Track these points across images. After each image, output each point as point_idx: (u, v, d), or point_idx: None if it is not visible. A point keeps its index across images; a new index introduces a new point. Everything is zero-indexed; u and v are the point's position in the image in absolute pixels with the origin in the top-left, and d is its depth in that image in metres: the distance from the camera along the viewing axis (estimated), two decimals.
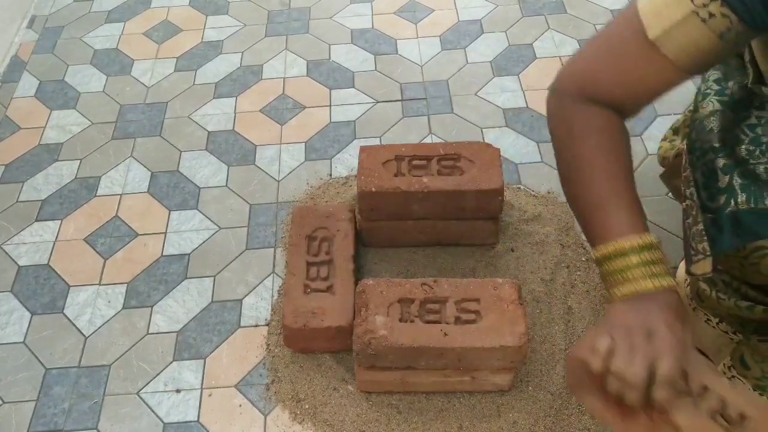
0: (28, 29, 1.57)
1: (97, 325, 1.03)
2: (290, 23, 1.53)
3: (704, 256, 0.72)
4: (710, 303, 0.85)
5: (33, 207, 1.20)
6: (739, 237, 0.68)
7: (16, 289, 1.09)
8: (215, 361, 0.99)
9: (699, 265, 0.74)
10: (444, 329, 0.82)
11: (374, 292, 0.85)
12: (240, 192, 1.20)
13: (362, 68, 1.41)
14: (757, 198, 0.67)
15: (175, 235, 1.14)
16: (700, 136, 0.75)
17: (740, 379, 0.81)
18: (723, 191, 0.70)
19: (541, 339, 0.97)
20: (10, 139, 1.32)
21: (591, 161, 0.67)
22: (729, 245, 0.69)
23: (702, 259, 0.73)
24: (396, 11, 1.54)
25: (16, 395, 0.97)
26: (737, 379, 0.81)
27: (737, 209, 0.68)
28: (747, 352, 0.80)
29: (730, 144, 0.71)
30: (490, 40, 1.45)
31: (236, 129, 1.31)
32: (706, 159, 0.73)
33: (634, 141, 1.22)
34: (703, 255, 0.72)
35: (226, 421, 0.93)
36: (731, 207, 0.68)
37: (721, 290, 0.83)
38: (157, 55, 1.48)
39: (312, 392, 0.93)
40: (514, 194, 1.15)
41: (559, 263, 1.06)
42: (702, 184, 0.73)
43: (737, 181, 0.69)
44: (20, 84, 1.44)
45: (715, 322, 0.88)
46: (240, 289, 1.06)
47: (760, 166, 0.68)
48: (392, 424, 0.90)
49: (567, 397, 0.92)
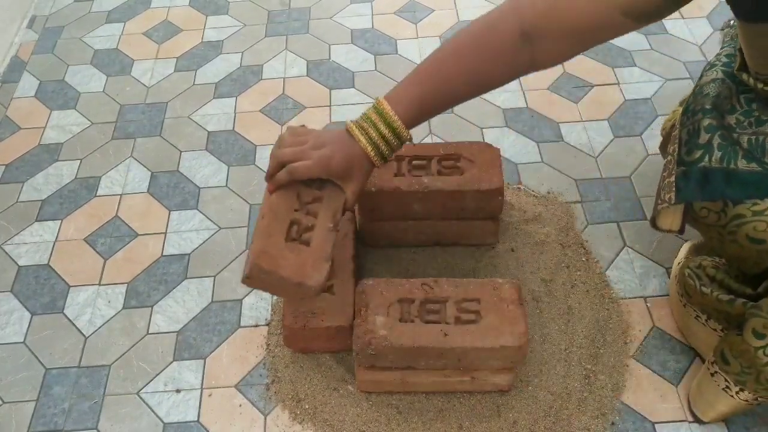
0: (28, 29, 1.57)
1: (97, 325, 1.03)
2: (290, 23, 1.53)
3: (668, 204, 0.75)
4: (697, 298, 0.87)
5: (33, 207, 1.20)
6: (704, 191, 0.72)
7: (16, 289, 1.09)
8: (215, 361, 0.99)
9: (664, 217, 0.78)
10: (444, 329, 0.82)
11: (374, 292, 0.85)
12: (240, 192, 1.20)
13: (362, 68, 1.41)
14: (731, 159, 0.70)
15: (175, 235, 1.14)
16: (696, 100, 0.78)
17: (722, 374, 0.82)
18: (701, 147, 0.73)
19: (541, 339, 0.97)
20: (10, 139, 1.32)
21: (452, 43, 0.76)
22: (692, 196, 0.73)
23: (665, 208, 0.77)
24: (396, 11, 1.54)
25: (16, 395, 0.97)
26: (720, 374, 0.83)
27: (710, 165, 0.71)
28: (726, 348, 0.81)
29: (720, 110, 0.74)
30: None
31: (236, 129, 1.31)
32: (695, 119, 0.76)
33: (634, 141, 1.23)
34: (668, 203, 0.75)
35: (226, 421, 0.93)
36: (704, 162, 0.72)
37: (705, 284, 0.84)
38: (157, 55, 1.48)
39: (312, 392, 0.93)
40: (514, 194, 1.15)
41: (559, 263, 1.06)
42: (684, 141, 0.76)
43: (716, 140, 0.72)
44: (20, 84, 1.44)
45: (704, 319, 0.89)
46: (240, 289, 1.06)
47: (744, 137, 0.71)
48: (392, 424, 0.90)
49: (567, 396, 0.92)
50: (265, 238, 0.78)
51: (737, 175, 0.69)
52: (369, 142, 0.77)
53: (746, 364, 0.78)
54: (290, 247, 0.79)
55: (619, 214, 1.13)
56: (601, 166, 1.20)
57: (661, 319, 0.99)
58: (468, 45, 0.74)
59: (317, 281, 0.78)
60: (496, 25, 0.72)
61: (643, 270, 1.05)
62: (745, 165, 0.69)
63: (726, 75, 0.77)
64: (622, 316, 1.00)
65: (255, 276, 0.78)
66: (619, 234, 1.10)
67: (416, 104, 0.76)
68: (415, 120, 0.77)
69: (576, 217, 1.12)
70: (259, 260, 0.77)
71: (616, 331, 0.98)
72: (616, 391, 0.92)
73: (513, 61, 0.72)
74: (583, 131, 1.26)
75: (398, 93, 0.77)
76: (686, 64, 1.35)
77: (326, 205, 0.81)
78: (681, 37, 1.41)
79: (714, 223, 0.74)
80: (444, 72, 0.76)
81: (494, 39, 0.72)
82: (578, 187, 1.17)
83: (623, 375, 0.94)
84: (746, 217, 0.71)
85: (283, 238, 0.79)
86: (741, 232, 0.71)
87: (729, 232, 0.73)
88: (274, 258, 0.77)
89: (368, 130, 0.77)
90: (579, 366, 0.94)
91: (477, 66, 0.74)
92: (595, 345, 0.96)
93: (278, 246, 0.78)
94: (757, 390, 0.80)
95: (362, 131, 0.77)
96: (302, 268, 0.77)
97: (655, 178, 1.18)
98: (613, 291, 1.03)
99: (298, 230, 0.80)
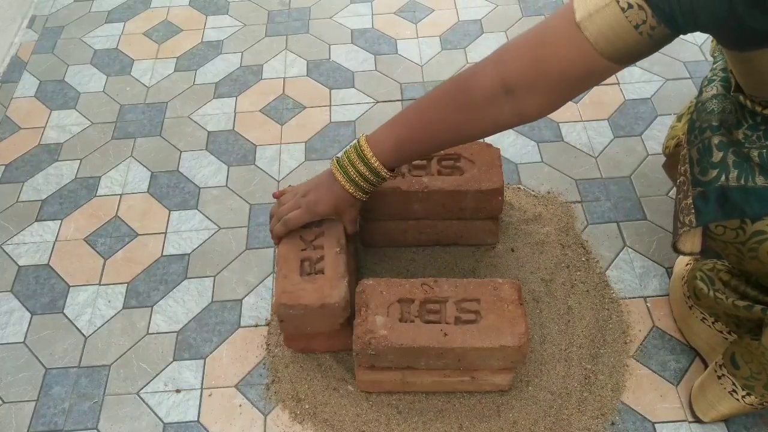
0: (28, 29, 1.57)
1: (97, 325, 1.03)
2: (290, 23, 1.53)
3: (689, 227, 0.73)
4: (707, 302, 0.86)
5: (33, 207, 1.20)
6: (724, 211, 0.70)
7: (16, 289, 1.09)
8: (215, 361, 0.99)
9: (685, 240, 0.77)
10: (444, 329, 0.82)
11: (374, 292, 0.85)
12: (240, 192, 1.20)
13: (362, 68, 1.41)
14: (748, 176, 0.68)
15: (175, 235, 1.14)
16: (700, 117, 0.76)
17: (730, 378, 0.82)
18: (715, 166, 0.71)
19: (541, 339, 0.97)
20: (10, 139, 1.32)
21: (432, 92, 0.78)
22: (713, 217, 0.71)
23: (686, 231, 0.75)
24: (396, 11, 1.54)
25: (16, 395, 0.97)
26: (727, 377, 0.82)
27: (727, 184, 0.70)
28: (738, 352, 0.80)
29: (728, 125, 0.72)
30: (490, 40, 1.45)
31: (236, 129, 1.31)
32: (704, 137, 0.74)
33: (634, 141, 1.23)
34: (689, 227, 0.73)
35: (226, 421, 0.93)
36: (721, 181, 0.70)
37: (719, 290, 0.83)
38: (157, 55, 1.48)
39: (312, 392, 0.93)
40: (514, 194, 1.15)
41: (559, 263, 1.06)
42: (696, 160, 0.74)
43: (731, 158, 0.70)
44: (20, 84, 1.44)
45: (710, 321, 0.88)
46: (240, 289, 1.06)
47: (754, 151, 0.70)
48: (392, 424, 0.90)
49: (567, 396, 0.92)
50: (282, 280, 0.87)
51: (756, 192, 0.67)
52: (349, 181, 0.83)
53: (756, 370, 0.77)
54: (307, 280, 0.87)
55: (619, 214, 1.13)
56: (601, 166, 1.20)
57: (661, 319, 0.99)
58: (449, 96, 0.75)
59: (338, 298, 0.85)
60: (477, 78, 0.72)
61: (643, 270, 1.05)
62: (763, 181, 0.67)
63: (726, 90, 0.76)
64: (622, 316, 1.00)
65: (283, 314, 0.87)
66: (619, 234, 1.10)
67: (396, 147, 0.80)
68: (395, 161, 0.82)
69: (576, 217, 1.12)
70: (281, 300, 0.85)
71: (616, 331, 0.98)
72: (616, 391, 0.92)
73: (494, 114, 0.72)
74: (583, 131, 1.26)
75: (380, 134, 0.81)
76: (686, 64, 1.35)
77: (328, 235, 0.90)
78: (681, 37, 1.41)
79: (732, 240, 0.72)
80: (425, 120, 0.78)
81: (474, 92, 0.72)
82: (578, 187, 1.17)
83: (623, 375, 0.94)
84: (767, 233, 0.68)
85: (298, 275, 0.87)
86: (763, 248, 0.69)
87: (749, 249, 0.71)
88: (293, 293, 0.85)
89: (348, 170, 0.82)
90: (579, 366, 0.94)
91: (457, 117, 0.74)
92: (595, 345, 0.96)
93: (295, 282, 0.86)
94: (765, 396, 0.79)
95: (343, 171, 0.83)
96: (321, 292, 0.85)
97: (655, 179, 1.18)
98: (613, 291, 1.03)
99: (310, 264, 0.88)
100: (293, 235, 0.91)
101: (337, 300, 0.85)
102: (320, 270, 0.88)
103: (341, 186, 0.84)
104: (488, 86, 0.70)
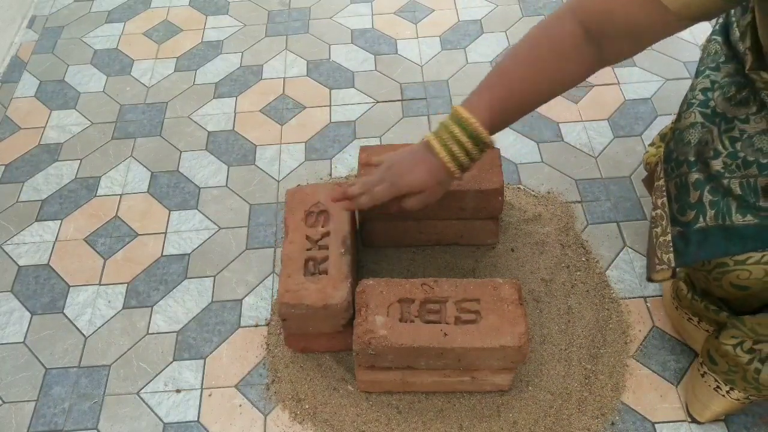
0: (28, 29, 1.57)
1: (97, 325, 1.03)
2: (290, 23, 1.53)
3: (668, 267, 0.75)
4: (686, 303, 0.90)
5: (33, 207, 1.20)
6: (704, 251, 0.71)
7: (16, 289, 1.09)
8: (215, 361, 0.99)
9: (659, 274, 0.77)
10: (444, 329, 0.82)
11: (374, 292, 0.85)
12: (240, 192, 1.20)
13: (362, 68, 1.41)
14: (725, 214, 0.69)
15: (175, 235, 1.14)
16: (677, 147, 0.77)
17: (711, 375, 0.85)
18: (693, 207, 0.72)
19: (541, 339, 0.97)
20: (10, 139, 1.32)
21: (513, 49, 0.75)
22: (693, 259, 0.72)
23: (664, 270, 0.75)
24: (396, 11, 1.54)
25: (16, 395, 0.97)
26: (709, 375, 0.85)
27: (706, 226, 0.71)
28: (712, 349, 0.83)
29: (704, 159, 0.73)
30: (490, 40, 1.45)
31: (236, 129, 1.31)
32: (680, 171, 0.75)
33: (634, 141, 1.23)
34: (667, 266, 0.75)
35: (226, 421, 0.93)
36: (700, 223, 0.71)
37: (697, 292, 0.87)
38: (157, 55, 1.48)
39: (312, 392, 0.93)
40: (514, 194, 1.15)
41: (559, 263, 1.06)
42: (674, 196, 0.75)
43: (707, 197, 0.71)
44: (20, 84, 1.44)
45: (696, 321, 0.91)
46: (240, 289, 1.06)
47: (734, 181, 0.70)
48: (392, 424, 0.90)
49: (567, 396, 0.92)
50: (286, 279, 0.87)
51: (736, 231, 0.68)
52: (445, 150, 0.77)
53: (732, 363, 0.80)
54: (310, 279, 0.87)
55: (619, 214, 1.13)
56: (601, 166, 1.20)
57: (661, 319, 0.99)
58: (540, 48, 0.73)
59: (339, 299, 0.85)
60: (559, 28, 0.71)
61: (643, 270, 1.05)
62: (740, 220, 0.68)
63: (704, 117, 0.76)
64: (622, 316, 1.00)
65: (285, 313, 0.86)
66: (619, 234, 1.10)
67: (493, 107, 0.75)
68: (492, 124, 0.76)
69: (576, 217, 1.12)
70: (283, 299, 0.85)
71: (616, 331, 0.98)
72: (616, 391, 0.92)
73: (581, 60, 0.71)
74: (583, 131, 1.26)
75: (473, 99, 0.76)
76: (686, 64, 1.35)
77: (334, 235, 0.91)
78: (681, 37, 1.41)
79: (699, 268, 0.76)
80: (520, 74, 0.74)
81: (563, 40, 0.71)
82: (578, 187, 1.17)
83: (623, 375, 0.94)
84: (729, 266, 0.71)
85: (301, 275, 0.87)
86: (725, 279, 0.72)
87: (714, 278, 0.74)
88: (296, 293, 0.86)
89: (444, 138, 0.76)
90: (579, 366, 0.94)
91: (550, 66, 0.73)
92: (595, 345, 0.96)
93: (298, 282, 0.87)
94: (747, 389, 0.81)
95: (440, 141, 0.77)
96: (323, 292, 0.86)
97: None
98: (613, 291, 1.03)
99: (315, 264, 0.89)
100: (298, 234, 0.91)
101: (339, 301, 0.85)
102: (324, 270, 0.88)
103: (436, 156, 0.77)
104: (571, 35, 0.69)
